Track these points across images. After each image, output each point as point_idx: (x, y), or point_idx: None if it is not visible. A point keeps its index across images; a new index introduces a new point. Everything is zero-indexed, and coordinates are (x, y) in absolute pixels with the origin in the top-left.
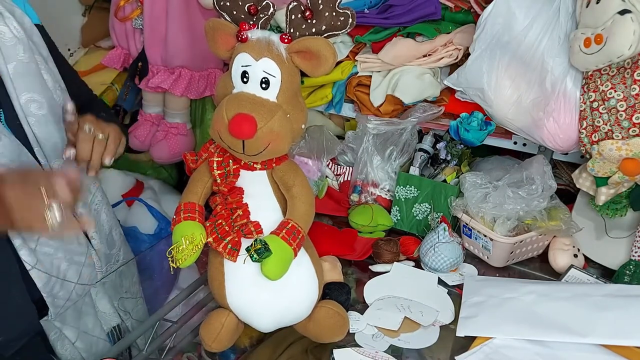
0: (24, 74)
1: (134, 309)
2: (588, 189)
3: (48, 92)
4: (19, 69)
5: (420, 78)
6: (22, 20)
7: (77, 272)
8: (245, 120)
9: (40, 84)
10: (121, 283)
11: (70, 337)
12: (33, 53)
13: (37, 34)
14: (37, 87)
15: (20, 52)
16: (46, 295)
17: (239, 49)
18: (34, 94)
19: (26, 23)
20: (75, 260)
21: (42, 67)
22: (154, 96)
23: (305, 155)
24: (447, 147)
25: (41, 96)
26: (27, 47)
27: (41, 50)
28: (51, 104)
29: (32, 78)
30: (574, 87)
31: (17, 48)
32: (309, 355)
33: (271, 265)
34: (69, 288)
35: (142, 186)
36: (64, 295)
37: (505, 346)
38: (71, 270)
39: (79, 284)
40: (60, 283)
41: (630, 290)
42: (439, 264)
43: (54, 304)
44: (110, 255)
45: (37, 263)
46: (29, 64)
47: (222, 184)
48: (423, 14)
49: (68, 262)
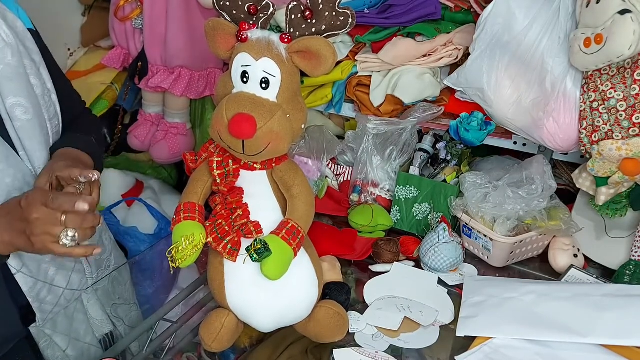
0: (11, 78)
1: (127, 316)
2: (588, 189)
3: (35, 98)
4: (6, 73)
5: (420, 78)
6: (14, 24)
7: (65, 278)
8: (245, 120)
9: (27, 89)
10: (114, 290)
11: (61, 345)
12: (22, 57)
13: (30, 39)
14: (23, 92)
15: (8, 56)
16: (32, 300)
17: (239, 49)
18: (20, 99)
19: (18, 27)
20: (64, 266)
21: (31, 72)
22: (154, 96)
23: (305, 155)
24: (447, 147)
25: (27, 101)
26: (16, 51)
27: (33, 55)
28: (37, 110)
29: (19, 82)
30: (574, 87)
31: (4, 52)
32: (309, 355)
33: (271, 265)
34: (57, 293)
35: (142, 186)
36: (52, 300)
37: (505, 346)
38: (60, 275)
39: (68, 289)
40: (48, 288)
41: (630, 290)
42: (439, 264)
43: (41, 309)
44: (100, 261)
45: (22, 267)
46: (17, 68)
47: (222, 184)
48: (423, 13)
49: (56, 267)
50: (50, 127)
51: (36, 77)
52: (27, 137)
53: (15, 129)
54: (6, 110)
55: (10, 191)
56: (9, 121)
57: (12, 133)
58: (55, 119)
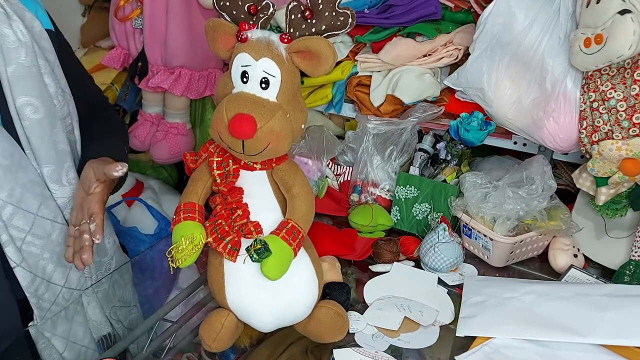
0: (23, 77)
1: (127, 318)
2: (588, 189)
3: (48, 98)
4: (18, 72)
5: (420, 78)
6: (32, 24)
7: (64, 276)
8: (245, 120)
9: (40, 88)
10: (114, 292)
11: (59, 347)
12: (36, 57)
13: (46, 39)
14: (35, 92)
15: (22, 56)
16: (30, 295)
17: (239, 49)
18: (32, 98)
19: (36, 27)
20: (62, 263)
21: (45, 72)
22: (154, 96)
23: (305, 155)
24: (447, 147)
25: (39, 101)
26: (31, 50)
27: (48, 55)
28: (49, 110)
29: (31, 82)
30: (574, 87)
31: (18, 51)
32: (309, 355)
33: (271, 265)
34: (55, 291)
35: (142, 186)
36: (50, 297)
37: (505, 346)
38: (57, 273)
39: (66, 287)
40: (46, 285)
41: (630, 290)
42: (439, 264)
43: (38, 305)
44: (101, 263)
45: (22, 261)
46: (29, 68)
47: (222, 184)
48: (423, 13)
49: (54, 265)
50: (64, 126)
51: (50, 77)
52: (35, 135)
53: (23, 128)
54: (16, 109)
55: (13, 187)
56: (18, 120)
57: (20, 131)
58: (68, 117)
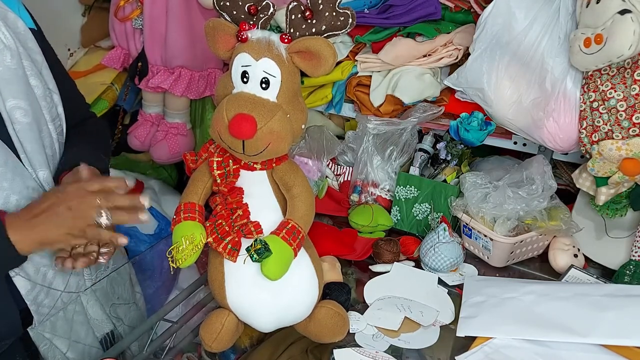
0: (10, 80)
1: (127, 315)
2: (588, 189)
3: (35, 100)
4: (5, 75)
5: (420, 78)
6: (15, 24)
7: (64, 281)
8: (245, 120)
9: (26, 91)
10: (113, 290)
11: (61, 348)
12: (22, 59)
13: (31, 39)
14: (22, 94)
15: (7, 59)
16: (30, 303)
17: (239, 49)
18: (20, 101)
19: (20, 27)
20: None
21: (31, 73)
22: (154, 96)
23: (305, 155)
24: (447, 147)
25: (26, 103)
26: (16, 52)
27: (34, 55)
28: (37, 112)
29: (18, 85)
30: (574, 87)
31: (4, 54)
32: (309, 355)
33: (271, 265)
34: (54, 296)
35: (142, 186)
36: (49, 303)
37: (505, 346)
38: (58, 278)
39: (66, 292)
40: (46, 291)
41: (630, 290)
42: (439, 264)
43: (38, 312)
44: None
45: (21, 270)
46: (16, 70)
47: (222, 184)
48: (423, 14)
49: (55, 270)
50: (54, 128)
51: (36, 78)
52: (27, 139)
53: (15, 132)
54: (7, 113)
55: (8, 194)
56: (10, 124)
57: (13, 136)
58: (57, 119)
